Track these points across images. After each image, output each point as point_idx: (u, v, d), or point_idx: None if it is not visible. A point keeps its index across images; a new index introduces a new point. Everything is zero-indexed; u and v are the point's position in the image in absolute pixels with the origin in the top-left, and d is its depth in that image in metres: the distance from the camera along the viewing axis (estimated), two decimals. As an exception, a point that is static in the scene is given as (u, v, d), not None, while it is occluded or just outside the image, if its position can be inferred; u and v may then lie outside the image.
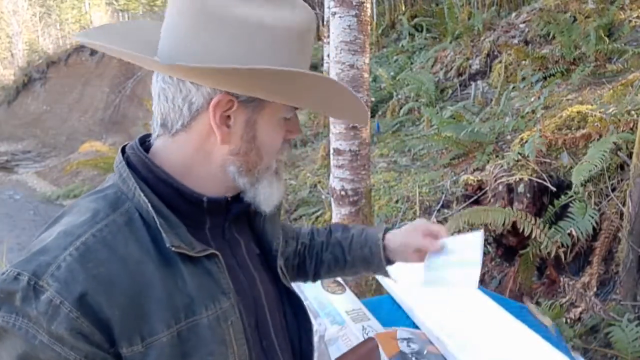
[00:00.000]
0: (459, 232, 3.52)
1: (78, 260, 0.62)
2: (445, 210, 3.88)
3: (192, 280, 0.69)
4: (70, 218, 0.68)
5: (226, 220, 0.80)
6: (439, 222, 3.67)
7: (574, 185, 2.84)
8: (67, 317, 0.59)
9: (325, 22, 8.32)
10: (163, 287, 0.66)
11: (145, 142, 0.77)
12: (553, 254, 2.65)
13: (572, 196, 2.84)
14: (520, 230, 2.71)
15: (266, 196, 0.78)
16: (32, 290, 0.59)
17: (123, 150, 0.77)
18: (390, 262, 1.04)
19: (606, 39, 4.95)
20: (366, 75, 2.60)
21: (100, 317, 0.61)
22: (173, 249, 0.67)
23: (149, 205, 0.69)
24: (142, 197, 0.69)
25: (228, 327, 0.70)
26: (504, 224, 2.75)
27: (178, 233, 0.69)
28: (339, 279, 1.64)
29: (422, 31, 9.05)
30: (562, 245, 2.66)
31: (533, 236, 2.67)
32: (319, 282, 1.57)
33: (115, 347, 0.62)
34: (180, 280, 0.68)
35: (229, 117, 0.72)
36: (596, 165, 2.69)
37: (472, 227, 2.86)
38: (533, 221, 2.69)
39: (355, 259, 1.05)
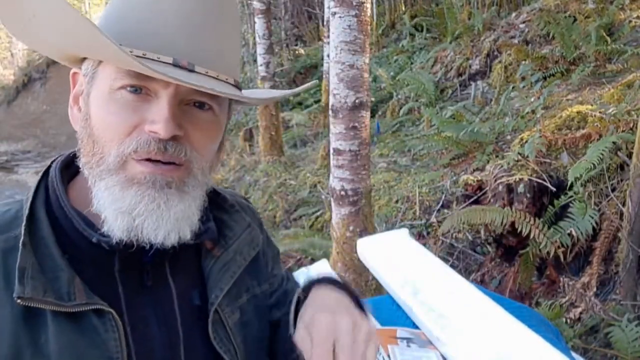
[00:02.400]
0: (459, 231, 3.52)
1: None
2: (445, 210, 3.88)
3: (58, 338, 0.56)
4: None
5: (146, 260, 0.64)
6: (439, 222, 3.67)
7: (573, 185, 2.84)
8: None
9: (325, 22, 8.33)
10: (13, 342, 0.54)
11: None
12: (552, 254, 2.65)
13: (572, 196, 2.84)
14: (518, 231, 2.71)
15: (110, 209, 0.58)
16: None
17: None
18: None
19: (606, 38, 4.94)
20: (366, 75, 2.60)
21: None
22: (19, 301, 0.54)
23: (21, 239, 0.57)
24: (21, 227, 0.58)
25: None
26: (502, 224, 2.75)
27: (50, 280, 0.56)
28: (339, 279, 1.63)
29: (422, 31, 9.05)
30: (562, 246, 2.66)
31: (532, 236, 2.67)
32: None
33: None
34: (43, 335, 0.56)
35: (80, 95, 0.63)
36: (594, 164, 2.69)
37: (471, 227, 2.87)
38: (532, 221, 2.69)
39: None
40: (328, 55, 6.23)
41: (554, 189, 2.99)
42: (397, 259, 1.58)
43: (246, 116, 9.68)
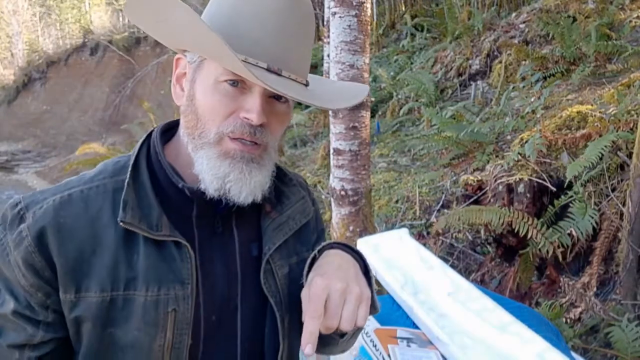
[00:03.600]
0: (459, 231, 3.53)
1: (56, 207, 0.72)
2: (445, 210, 3.88)
3: (145, 259, 0.72)
4: (88, 171, 0.79)
5: (218, 211, 0.79)
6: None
7: (573, 185, 2.84)
8: (26, 250, 0.70)
9: (325, 22, 8.32)
10: (113, 255, 0.71)
11: None
12: (550, 254, 2.65)
13: (572, 196, 2.84)
14: (515, 231, 2.71)
15: (209, 174, 0.74)
16: (18, 218, 0.71)
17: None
18: None
19: (606, 38, 4.94)
20: (366, 75, 2.60)
21: (51, 258, 0.70)
22: (121, 224, 0.71)
23: (126, 180, 0.74)
24: (128, 172, 0.75)
25: (167, 313, 0.72)
26: (501, 224, 2.75)
27: (145, 213, 0.73)
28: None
29: (422, 31, 9.05)
30: (561, 246, 2.66)
31: (529, 236, 2.67)
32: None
33: (58, 288, 0.70)
34: (136, 255, 0.72)
35: (183, 76, 0.79)
36: (592, 162, 2.69)
37: (471, 227, 2.86)
38: (530, 221, 2.69)
39: None
40: (328, 55, 6.23)
41: (554, 189, 2.99)
42: (397, 259, 1.58)
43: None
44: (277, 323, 0.81)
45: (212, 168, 0.74)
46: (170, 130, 0.84)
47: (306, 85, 0.78)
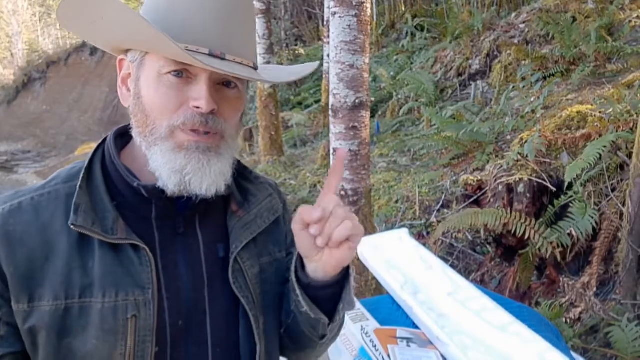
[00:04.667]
0: (459, 231, 3.52)
1: (4, 216, 0.71)
2: (445, 210, 3.88)
3: (101, 265, 0.70)
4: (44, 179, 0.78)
5: (179, 211, 0.77)
6: (439, 222, 3.67)
7: (573, 185, 2.84)
8: None
9: (325, 22, 8.33)
10: (67, 262, 0.69)
11: None
12: (549, 254, 2.65)
13: (572, 196, 2.84)
14: (513, 232, 2.71)
15: (165, 169, 0.72)
16: None
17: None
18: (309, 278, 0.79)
19: (606, 38, 4.94)
20: (366, 75, 2.60)
21: (0, 268, 0.68)
22: (73, 227, 0.69)
23: (78, 183, 0.73)
24: (81, 175, 0.74)
25: (126, 320, 0.69)
26: (499, 226, 2.74)
27: (99, 216, 0.71)
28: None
29: (422, 31, 9.05)
30: (561, 246, 2.66)
31: (527, 237, 2.67)
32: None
33: (10, 299, 0.68)
34: (91, 261, 0.70)
35: (128, 76, 0.78)
36: (590, 164, 2.68)
37: (471, 227, 2.86)
38: (527, 222, 2.68)
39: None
40: (328, 55, 6.23)
41: (554, 189, 2.99)
42: (397, 259, 1.58)
43: (246, 116, 9.68)
44: (251, 324, 0.79)
45: (168, 162, 0.72)
46: (126, 134, 0.81)
47: (254, 67, 0.77)
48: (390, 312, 1.45)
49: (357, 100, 2.56)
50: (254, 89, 8.55)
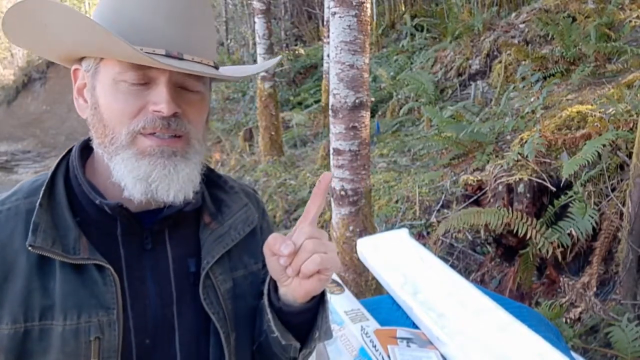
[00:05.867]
0: (459, 231, 3.52)
1: None
2: (445, 210, 3.88)
3: (62, 286, 0.67)
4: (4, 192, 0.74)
5: (145, 227, 0.74)
6: (439, 222, 3.67)
7: (573, 185, 2.84)
8: None
9: (325, 22, 8.33)
10: (26, 282, 0.66)
11: None
12: (549, 254, 2.65)
13: (572, 196, 2.84)
14: (514, 232, 2.71)
15: (129, 177, 0.69)
16: None
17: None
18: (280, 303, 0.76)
19: (606, 38, 4.94)
20: (366, 75, 2.60)
21: None
22: (30, 249, 0.66)
23: (39, 200, 0.69)
24: (41, 191, 0.70)
25: (89, 342, 0.67)
26: (500, 225, 2.74)
27: (60, 235, 0.68)
28: (338, 279, 1.63)
29: (422, 31, 9.04)
30: (561, 246, 2.66)
31: (528, 237, 2.67)
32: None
33: None
34: (52, 282, 0.67)
35: (83, 87, 0.75)
36: (588, 160, 2.68)
37: (471, 227, 2.86)
38: (528, 222, 2.68)
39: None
40: (328, 55, 6.23)
41: (554, 189, 2.98)
42: (397, 259, 1.58)
43: (246, 116, 9.68)
44: (221, 341, 0.75)
45: (132, 170, 0.69)
46: (89, 147, 0.78)
47: (215, 67, 0.74)
48: (390, 312, 1.45)
49: (357, 100, 2.56)
50: (254, 89, 8.55)
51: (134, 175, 0.69)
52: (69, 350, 0.66)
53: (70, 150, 0.78)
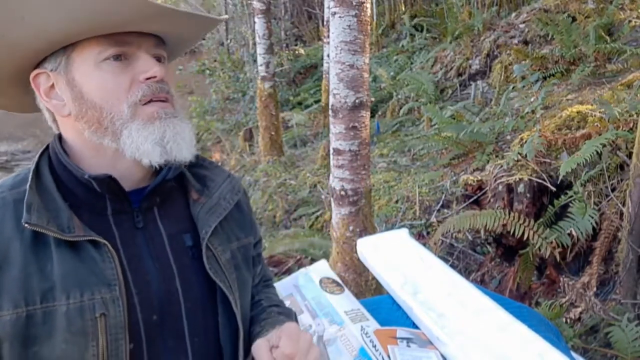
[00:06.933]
0: (459, 231, 3.52)
1: None
2: (445, 210, 3.88)
3: (61, 266, 0.67)
4: None
5: (136, 206, 0.76)
6: (439, 222, 3.67)
7: (573, 185, 2.84)
8: None
9: (325, 22, 8.32)
10: (23, 268, 0.66)
11: None
12: (548, 254, 2.65)
13: (571, 196, 2.84)
14: (511, 233, 2.71)
15: (147, 143, 0.71)
16: None
17: None
18: None
19: (606, 38, 4.94)
20: (366, 75, 2.60)
21: None
22: (27, 226, 0.66)
23: (28, 184, 0.70)
24: (30, 177, 0.71)
25: (95, 319, 0.66)
26: (498, 227, 2.74)
27: (53, 215, 0.68)
28: (338, 279, 1.63)
29: (422, 31, 9.04)
30: (560, 246, 2.66)
31: (525, 237, 2.67)
32: (317, 282, 1.57)
33: None
34: (49, 264, 0.67)
35: (51, 88, 0.75)
36: (586, 159, 2.68)
37: (471, 228, 2.85)
38: (526, 223, 2.68)
39: None
40: (328, 55, 6.23)
41: (554, 189, 2.99)
42: (397, 259, 1.58)
43: (246, 116, 9.67)
44: (232, 308, 0.78)
45: (148, 135, 0.71)
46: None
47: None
48: (390, 312, 1.45)
49: (357, 100, 2.55)
50: (254, 89, 8.54)
51: (152, 140, 0.71)
52: (76, 329, 0.66)
53: (48, 146, 0.79)
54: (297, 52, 12.09)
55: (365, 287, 2.62)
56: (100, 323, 0.67)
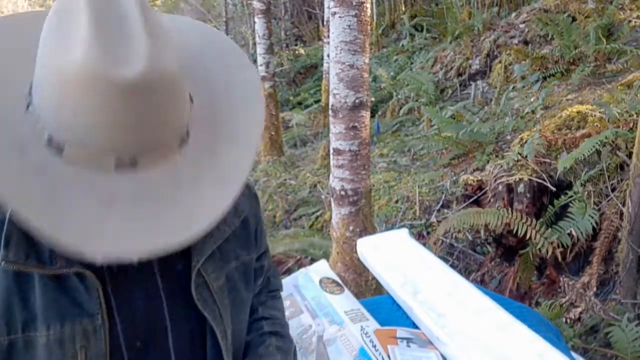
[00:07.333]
0: (459, 231, 3.52)
1: None
2: (445, 210, 3.88)
3: (43, 297, 0.65)
4: None
5: None
6: (439, 222, 3.67)
7: (573, 185, 2.84)
8: None
9: (325, 22, 8.33)
10: (5, 298, 0.64)
11: None
12: (549, 254, 2.65)
13: (572, 196, 2.84)
14: (514, 232, 2.71)
15: None
16: None
17: None
18: None
19: (606, 39, 4.94)
20: (366, 75, 2.60)
21: None
22: (4, 264, 0.63)
23: (8, 213, 0.64)
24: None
25: (76, 350, 0.66)
26: (500, 225, 2.74)
27: (34, 248, 0.65)
28: (338, 279, 1.63)
29: (422, 31, 9.05)
30: (560, 246, 2.66)
31: (528, 237, 2.67)
32: (317, 282, 1.57)
33: None
34: (32, 295, 0.65)
35: None
36: (584, 155, 2.69)
37: (471, 227, 2.86)
38: (528, 222, 2.68)
39: None
40: (328, 55, 6.23)
41: (554, 189, 2.99)
42: (397, 259, 1.58)
43: (246, 116, 9.65)
44: (218, 341, 0.75)
45: None
46: None
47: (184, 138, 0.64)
48: (390, 312, 1.45)
49: (357, 100, 2.56)
50: (254, 89, 8.51)
51: None
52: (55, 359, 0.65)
53: None
54: (297, 52, 12.10)
55: (365, 287, 2.62)
56: (81, 354, 0.66)
